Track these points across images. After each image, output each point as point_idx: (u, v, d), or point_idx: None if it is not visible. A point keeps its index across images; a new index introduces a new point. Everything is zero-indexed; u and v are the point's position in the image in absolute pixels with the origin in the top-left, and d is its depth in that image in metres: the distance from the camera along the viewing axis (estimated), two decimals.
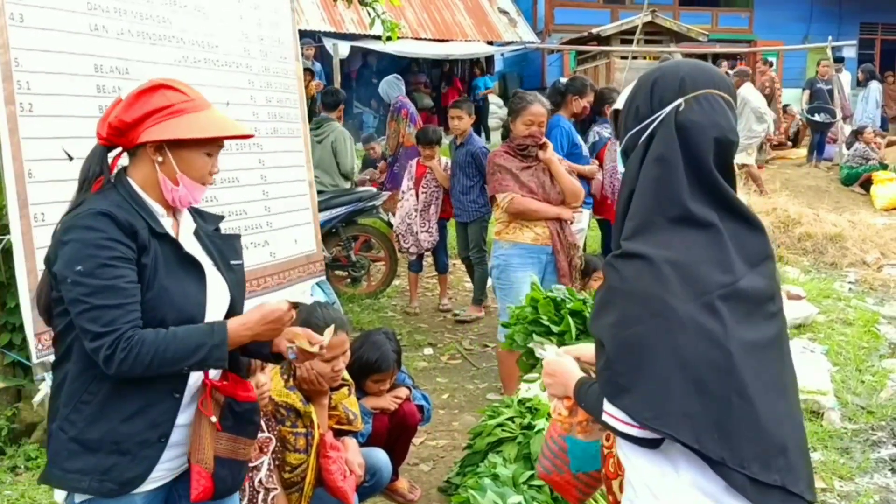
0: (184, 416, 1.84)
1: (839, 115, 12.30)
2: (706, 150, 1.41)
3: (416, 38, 13.81)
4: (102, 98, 3.02)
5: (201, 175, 1.85)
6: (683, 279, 1.35)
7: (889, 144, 12.38)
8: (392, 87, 7.28)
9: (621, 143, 1.59)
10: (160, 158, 1.79)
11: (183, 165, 1.81)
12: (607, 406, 1.43)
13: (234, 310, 1.95)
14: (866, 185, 10.80)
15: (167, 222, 1.85)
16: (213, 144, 1.85)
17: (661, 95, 1.47)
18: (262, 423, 2.49)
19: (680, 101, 1.44)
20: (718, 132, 1.42)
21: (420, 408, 3.25)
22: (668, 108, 1.44)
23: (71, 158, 2.81)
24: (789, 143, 13.90)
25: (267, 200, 3.67)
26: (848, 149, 11.62)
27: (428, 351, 5.33)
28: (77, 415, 1.74)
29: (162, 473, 1.83)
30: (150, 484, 1.80)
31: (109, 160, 1.85)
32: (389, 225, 6.50)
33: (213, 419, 1.83)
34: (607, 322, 1.43)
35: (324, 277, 4.38)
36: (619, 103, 2.45)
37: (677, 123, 1.42)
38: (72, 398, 1.75)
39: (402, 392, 3.21)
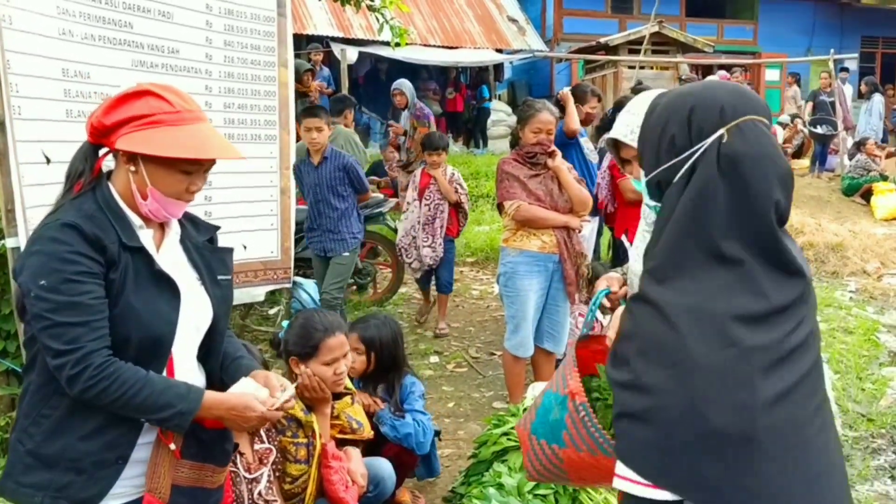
0: (150, 434, 1.74)
1: (840, 126, 12.33)
2: (765, 186, 1.28)
3: (425, 45, 13.84)
4: (69, 102, 3.02)
5: (176, 192, 1.72)
6: (702, 326, 1.25)
7: (889, 156, 12.41)
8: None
9: (649, 173, 1.45)
10: (133, 168, 1.68)
11: (155, 180, 1.68)
12: (620, 468, 1.34)
13: (216, 327, 1.86)
14: (867, 195, 10.83)
15: (146, 234, 1.74)
16: (191, 162, 1.70)
17: (699, 125, 1.34)
18: (263, 434, 2.50)
19: (722, 130, 1.31)
20: (773, 166, 1.29)
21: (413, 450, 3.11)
22: (709, 140, 1.32)
23: (48, 162, 2.79)
24: (790, 153, 13.92)
25: (209, 205, 3.65)
26: (850, 160, 11.64)
27: (434, 359, 5.28)
28: (36, 428, 1.68)
29: (126, 490, 1.73)
30: (114, 500, 1.71)
31: (97, 158, 1.75)
32: (396, 231, 6.42)
33: (172, 447, 1.73)
34: (622, 375, 1.35)
35: (288, 285, 4.34)
36: (618, 132, 2.20)
37: (720, 156, 1.30)
38: (32, 410, 1.69)
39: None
